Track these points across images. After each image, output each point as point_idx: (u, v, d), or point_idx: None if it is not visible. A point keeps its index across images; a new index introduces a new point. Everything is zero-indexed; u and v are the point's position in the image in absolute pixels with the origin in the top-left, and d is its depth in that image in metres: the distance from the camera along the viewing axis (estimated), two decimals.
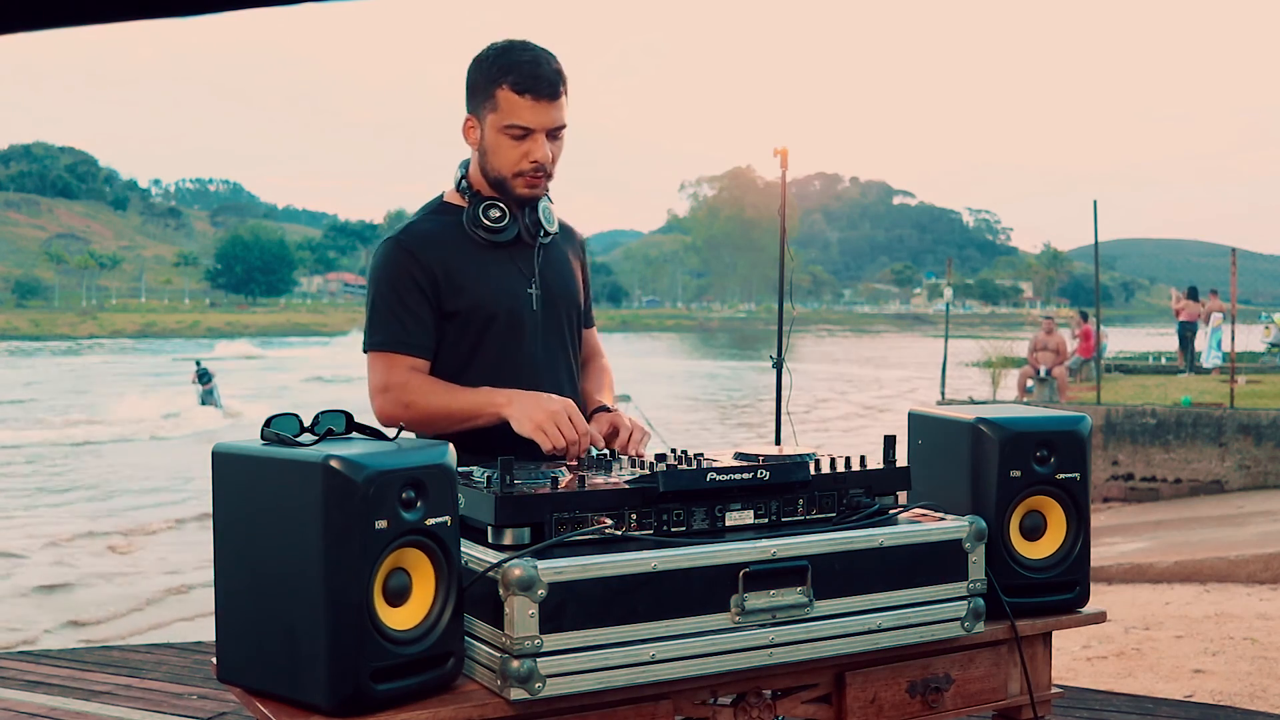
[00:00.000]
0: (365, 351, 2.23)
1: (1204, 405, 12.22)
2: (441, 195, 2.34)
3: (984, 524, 1.88)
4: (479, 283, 2.22)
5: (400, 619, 1.54)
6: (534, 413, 2.06)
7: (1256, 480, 11.44)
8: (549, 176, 2.23)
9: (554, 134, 2.20)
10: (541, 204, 2.28)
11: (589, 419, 2.24)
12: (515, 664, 1.54)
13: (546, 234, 2.30)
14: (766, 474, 1.79)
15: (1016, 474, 1.95)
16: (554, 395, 2.10)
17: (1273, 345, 19.02)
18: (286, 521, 1.50)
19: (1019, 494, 1.96)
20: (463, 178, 2.29)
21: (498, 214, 2.23)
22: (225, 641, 1.61)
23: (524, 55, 2.17)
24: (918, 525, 1.85)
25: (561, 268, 2.35)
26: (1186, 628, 6.63)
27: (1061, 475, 1.98)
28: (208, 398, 25.69)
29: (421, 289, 2.20)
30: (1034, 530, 2.00)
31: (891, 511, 1.88)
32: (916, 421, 2.14)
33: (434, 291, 2.21)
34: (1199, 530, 9.64)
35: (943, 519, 1.90)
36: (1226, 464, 11.57)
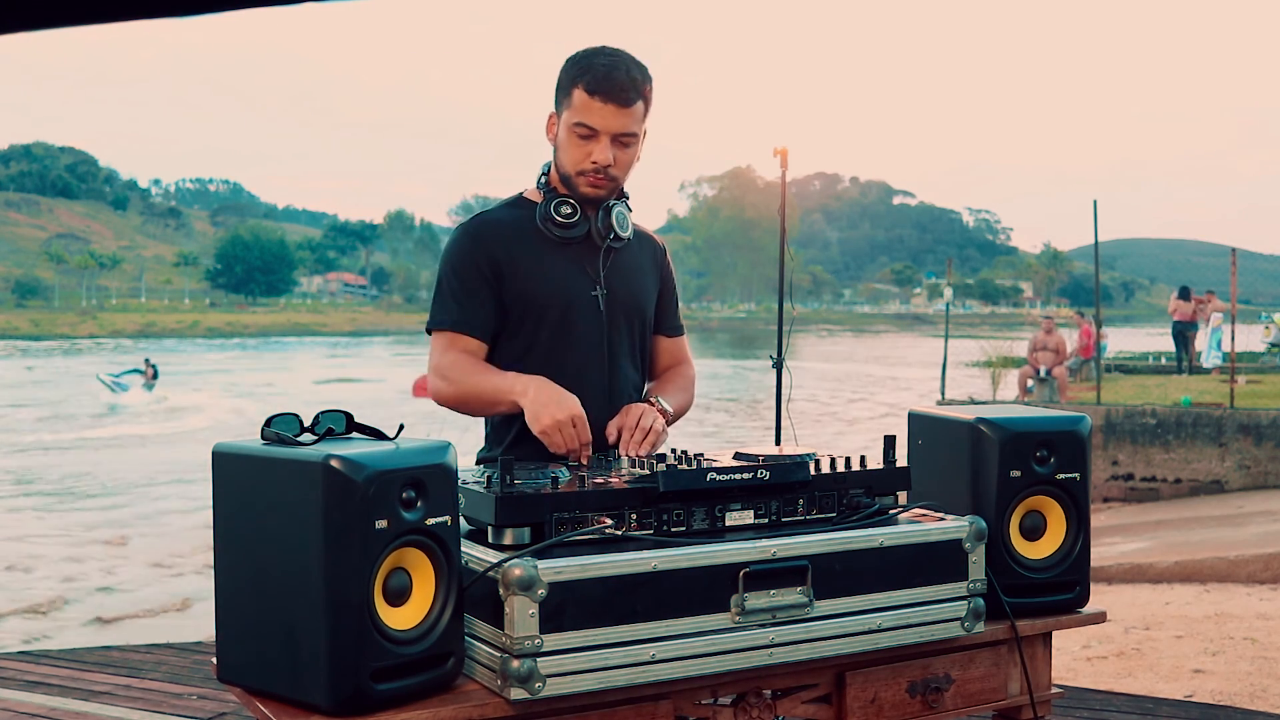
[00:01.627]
0: (428, 332, 2.30)
1: (1204, 405, 12.22)
2: (523, 191, 2.37)
3: (984, 524, 1.88)
4: (540, 276, 2.26)
5: (400, 619, 1.54)
6: (541, 414, 2.09)
7: (1256, 480, 11.44)
8: (614, 181, 2.25)
9: (623, 140, 2.22)
10: (617, 209, 2.31)
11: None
12: (515, 664, 1.54)
13: (618, 238, 2.31)
14: (766, 474, 1.80)
15: (1016, 474, 1.95)
16: (572, 396, 2.12)
17: (1273, 345, 19.01)
18: (287, 521, 1.50)
19: (1019, 494, 1.96)
20: (543, 175, 2.33)
21: (569, 210, 2.26)
22: (225, 641, 1.61)
23: (604, 59, 2.21)
24: (918, 525, 1.85)
25: (631, 274, 2.35)
26: (1186, 628, 6.63)
27: (1061, 475, 1.98)
28: (149, 388, 26.80)
29: (484, 275, 2.25)
30: (1034, 530, 2.00)
31: (891, 511, 1.88)
32: (916, 421, 2.14)
33: (496, 279, 2.25)
34: (1199, 530, 9.64)
35: (943, 519, 1.90)
36: (1226, 464, 11.57)
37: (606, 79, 2.18)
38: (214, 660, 1.66)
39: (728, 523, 1.79)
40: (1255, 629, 6.81)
